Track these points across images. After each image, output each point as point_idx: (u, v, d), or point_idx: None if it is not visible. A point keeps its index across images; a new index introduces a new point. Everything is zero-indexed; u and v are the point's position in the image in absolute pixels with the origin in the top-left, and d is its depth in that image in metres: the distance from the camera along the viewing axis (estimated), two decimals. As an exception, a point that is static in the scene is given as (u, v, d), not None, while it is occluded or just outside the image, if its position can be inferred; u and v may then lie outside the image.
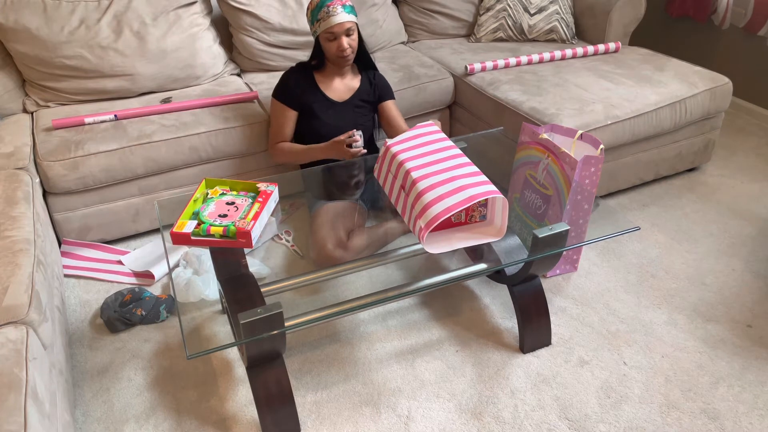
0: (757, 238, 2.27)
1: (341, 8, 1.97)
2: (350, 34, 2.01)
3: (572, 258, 2.11)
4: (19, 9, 2.24)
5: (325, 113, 2.12)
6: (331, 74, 2.14)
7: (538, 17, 2.82)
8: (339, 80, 2.15)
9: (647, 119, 2.27)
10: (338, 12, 1.96)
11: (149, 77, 2.42)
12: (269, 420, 1.51)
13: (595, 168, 1.82)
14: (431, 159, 1.60)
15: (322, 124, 2.12)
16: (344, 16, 1.97)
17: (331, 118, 2.13)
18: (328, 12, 1.96)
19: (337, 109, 2.13)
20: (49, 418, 1.26)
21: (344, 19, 1.97)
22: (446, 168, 1.56)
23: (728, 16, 3.09)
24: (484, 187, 1.48)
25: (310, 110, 2.12)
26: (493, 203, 1.55)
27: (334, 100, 2.13)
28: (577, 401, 1.66)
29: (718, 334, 1.86)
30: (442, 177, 1.52)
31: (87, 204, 2.19)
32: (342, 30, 1.98)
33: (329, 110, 2.13)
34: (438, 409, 1.65)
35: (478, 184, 1.49)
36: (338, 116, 2.14)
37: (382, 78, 2.22)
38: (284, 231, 2.22)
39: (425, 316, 1.95)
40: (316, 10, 2.00)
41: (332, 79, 2.14)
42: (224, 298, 1.65)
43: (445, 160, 1.59)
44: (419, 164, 1.59)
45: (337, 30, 1.98)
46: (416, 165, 1.58)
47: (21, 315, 1.38)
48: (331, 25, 1.97)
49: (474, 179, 1.51)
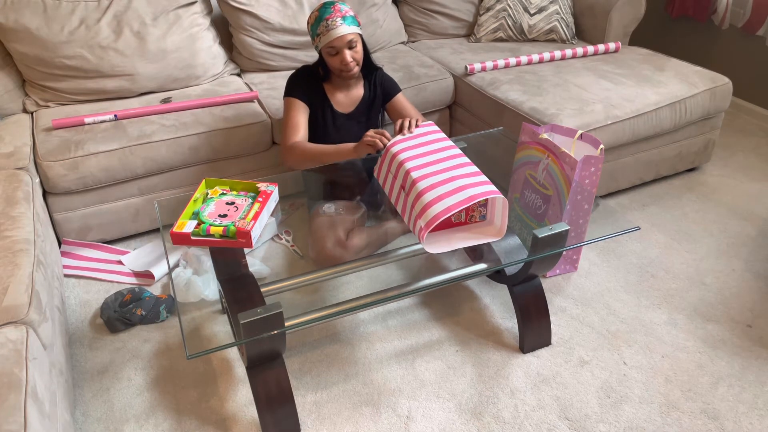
0: (757, 238, 2.27)
1: (341, 20, 1.88)
2: (353, 47, 1.92)
3: (572, 258, 2.11)
4: (19, 9, 2.24)
5: (332, 124, 2.09)
6: (336, 86, 2.07)
7: (538, 17, 2.82)
8: (345, 92, 2.08)
9: (647, 119, 2.27)
10: (338, 25, 1.87)
11: (149, 77, 2.42)
12: (269, 420, 1.51)
13: (595, 168, 1.82)
14: (431, 159, 1.60)
15: (325, 134, 2.10)
16: (345, 28, 1.88)
17: (335, 129, 2.09)
18: (327, 26, 1.88)
19: (341, 120, 2.10)
20: (49, 418, 1.26)
21: (345, 32, 1.88)
22: (446, 168, 1.56)
23: (727, 16, 3.09)
24: (484, 187, 1.48)
25: (316, 118, 2.07)
26: (493, 203, 1.55)
27: (339, 112, 2.08)
28: (577, 401, 1.66)
29: (718, 334, 1.86)
30: (442, 177, 1.52)
31: (87, 204, 2.19)
32: (343, 43, 1.90)
33: (336, 121, 2.09)
34: (438, 409, 1.65)
35: (478, 184, 1.49)
36: (343, 127, 2.10)
37: (383, 76, 2.15)
38: (284, 231, 2.22)
39: (425, 316, 1.95)
40: (315, 24, 1.92)
41: (338, 90, 2.08)
42: (224, 298, 1.65)
43: (445, 160, 1.59)
44: (419, 164, 1.59)
45: (338, 44, 1.90)
46: (416, 165, 1.58)
47: (21, 315, 1.38)
48: (332, 39, 1.88)
49: (474, 179, 1.51)
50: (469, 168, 1.55)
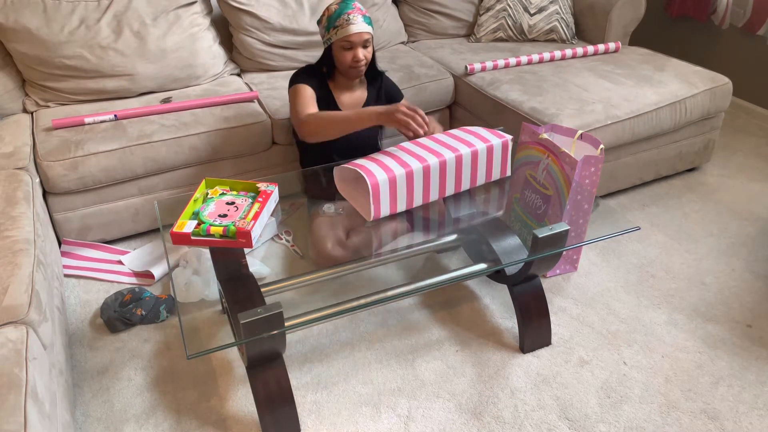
0: (757, 238, 2.27)
1: (361, 18, 1.92)
2: (366, 46, 1.95)
3: (572, 258, 2.11)
4: (19, 9, 2.24)
5: None
6: (340, 86, 2.08)
7: (538, 17, 2.82)
8: (348, 93, 2.09)
9: (647, 119, 2.27)
10: (358, 21, 1.90)
11: (149, 77, 2.42)
12: (269, 420, 1.51)
13: (595, 168, 1.82)
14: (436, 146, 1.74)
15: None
16: (363, 26, 1.91)
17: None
18: (348, 20, 1.90)
19: None
20: (49, 418, 1.26)
21: (363, 29, 1.91)
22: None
23: (728, 16, 3.09)
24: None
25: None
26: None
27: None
28: (577, 401, 1.66)
29: (718, 334, 1.86)
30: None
31: (87, 204, 2.19)
32: (360, 40, 1.92)
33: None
34: (438, 409, 1.65)
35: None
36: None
37: (388, 81, 2.17)
38: (284, 231, 2.22)
39: (425, 316, 1.95)
40: (334, 16, 1.93)
41: (342, 90, 2.08)
42: (224, 298, 1.65)
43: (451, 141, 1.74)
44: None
45: (355, 39, 1.92)
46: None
47: (21, 315, 1.38)
48: (350, 34, 1.90)
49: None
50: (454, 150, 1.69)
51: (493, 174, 1.78)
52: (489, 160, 1.74)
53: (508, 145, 1.77)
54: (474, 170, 1.73)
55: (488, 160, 1.74)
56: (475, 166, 1.72)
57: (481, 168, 1.74)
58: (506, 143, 1.77)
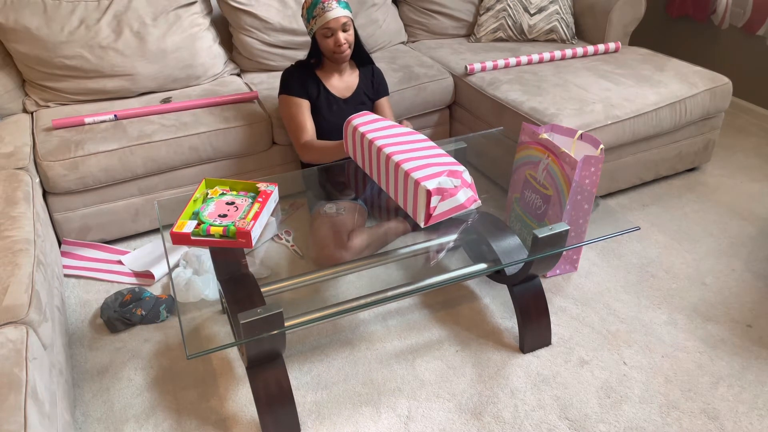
0: (757, 238, 2.27)
1: (336, 4, 1.98)
2: (346, 29, 2.02)
3: (572, 258, 2.11)
4: (19, 9, 2.24)
5: (328, 109, 2.13)
6: (330, 72, 2.15)
7: (538, 17, 2.82)
8: (338, 77, 2.16)
9: (647, 119, 2.27)
10: (333, 7, 1.98)
11: (149, 77, 2.42)
12: (269, 420, 1.51)
13: (595, 168, 1.82)
14: (394, 133, 1.67)
15: (325, 120, 2.13)
16: (339, 11, 1.98)
17: (333, 114, 2.13)
18: (323, 8, 1.98)
19: (340, 105, 2.14)
20: (49, 418, 1.26)
21: (340, 14, 1.98)
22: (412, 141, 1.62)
23: (727, 16, 3.09)
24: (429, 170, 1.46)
25: (314, 104, 2.13)
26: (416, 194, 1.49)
27: (336, 96, 2.15)
28: (577, 401, 1.66)
29: (718, 334, 1.86)
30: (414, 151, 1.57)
31: (87, 204, 2.19)
32: (338, 25, 1.99)
33: (333, 106, 2.14)
34: (438, 409, 1.65)
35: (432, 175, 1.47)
36: (341, 112, 2.14)
37: (380, 73, 2.25)
38: (284, 231, 2.22)
39: (425, 316, 1.95)
40: (311, 8, 2.01)
41: (332, 76, 2.15)
42: (224, 298, 1.65)
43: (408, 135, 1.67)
44: (387, 142, 1.63)
45: (333, 25, 1.99)
46: (385, 143, 1.62)
47: (21, 315, 1.38)
48: (327, 21, 1.98)
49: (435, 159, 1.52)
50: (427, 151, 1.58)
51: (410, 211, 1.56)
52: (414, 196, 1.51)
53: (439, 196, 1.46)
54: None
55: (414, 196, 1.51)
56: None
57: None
58: (432, 192, 1.44)
